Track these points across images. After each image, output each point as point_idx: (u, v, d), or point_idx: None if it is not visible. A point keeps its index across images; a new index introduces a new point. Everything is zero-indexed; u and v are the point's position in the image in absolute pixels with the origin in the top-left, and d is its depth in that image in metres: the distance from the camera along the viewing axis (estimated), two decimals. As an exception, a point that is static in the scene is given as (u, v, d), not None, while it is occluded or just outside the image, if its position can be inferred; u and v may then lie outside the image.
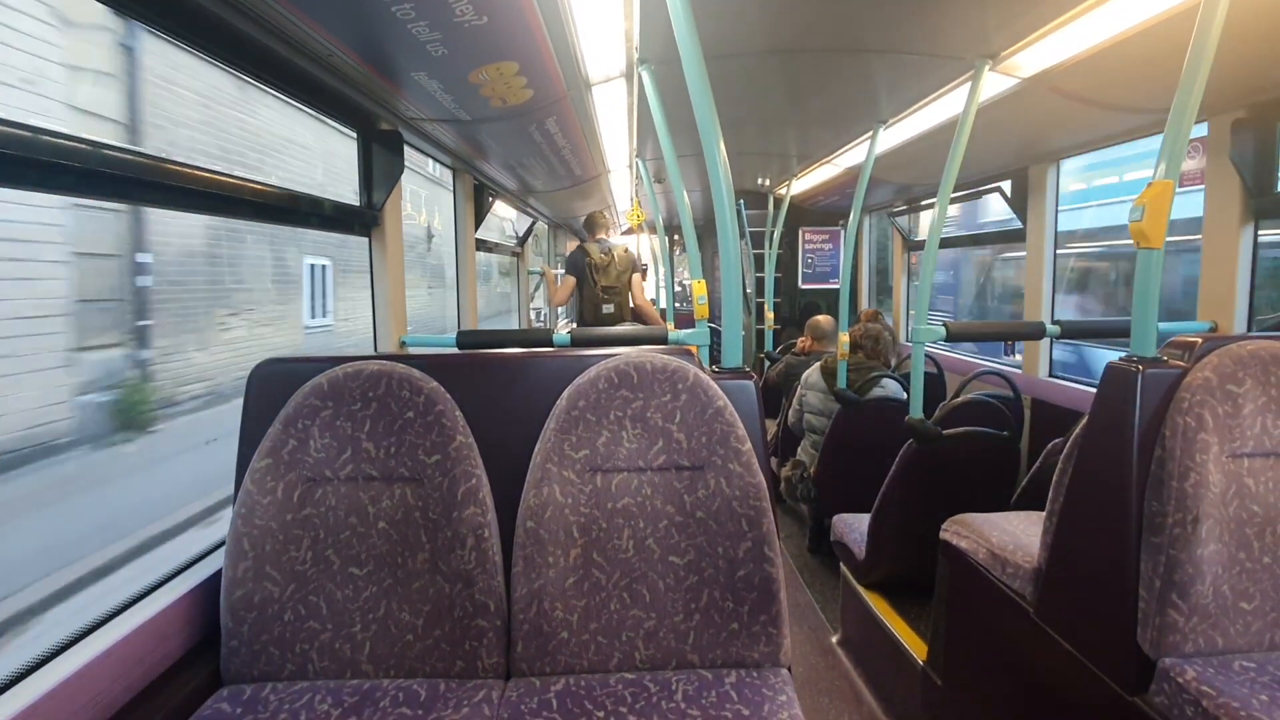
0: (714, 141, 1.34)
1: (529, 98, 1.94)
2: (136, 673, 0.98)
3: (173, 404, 6.01)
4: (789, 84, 2.24)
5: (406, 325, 2.15)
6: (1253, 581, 1.12)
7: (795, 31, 1.76)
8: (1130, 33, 1.52)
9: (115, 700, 0.94)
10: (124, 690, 0.96)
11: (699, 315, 2.03)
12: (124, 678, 0.96)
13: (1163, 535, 1.09)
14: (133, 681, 0.98)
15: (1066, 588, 1.29)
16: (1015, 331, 2.66)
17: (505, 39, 1.50)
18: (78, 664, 0.89)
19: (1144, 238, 1.19)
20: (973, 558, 1.58)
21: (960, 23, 1.62)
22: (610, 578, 1.15)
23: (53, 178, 0.95)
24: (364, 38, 1.41)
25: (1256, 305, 1.98)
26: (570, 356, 1.26)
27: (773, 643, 1.14)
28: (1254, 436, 1.13)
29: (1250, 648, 1.11)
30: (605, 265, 3.96)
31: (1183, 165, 1.22)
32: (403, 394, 1.17)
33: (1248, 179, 1.90)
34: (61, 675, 0.87)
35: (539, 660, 1.12)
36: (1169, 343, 1.24)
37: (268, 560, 1.11)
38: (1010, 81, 1.94)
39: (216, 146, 6.55)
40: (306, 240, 8.36)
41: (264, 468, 1.13)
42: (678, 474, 1.17)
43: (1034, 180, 2.84)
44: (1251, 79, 1.74)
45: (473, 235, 3.11)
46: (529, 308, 5.45)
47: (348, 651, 1.11)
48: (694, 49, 1.33)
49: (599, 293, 3.98)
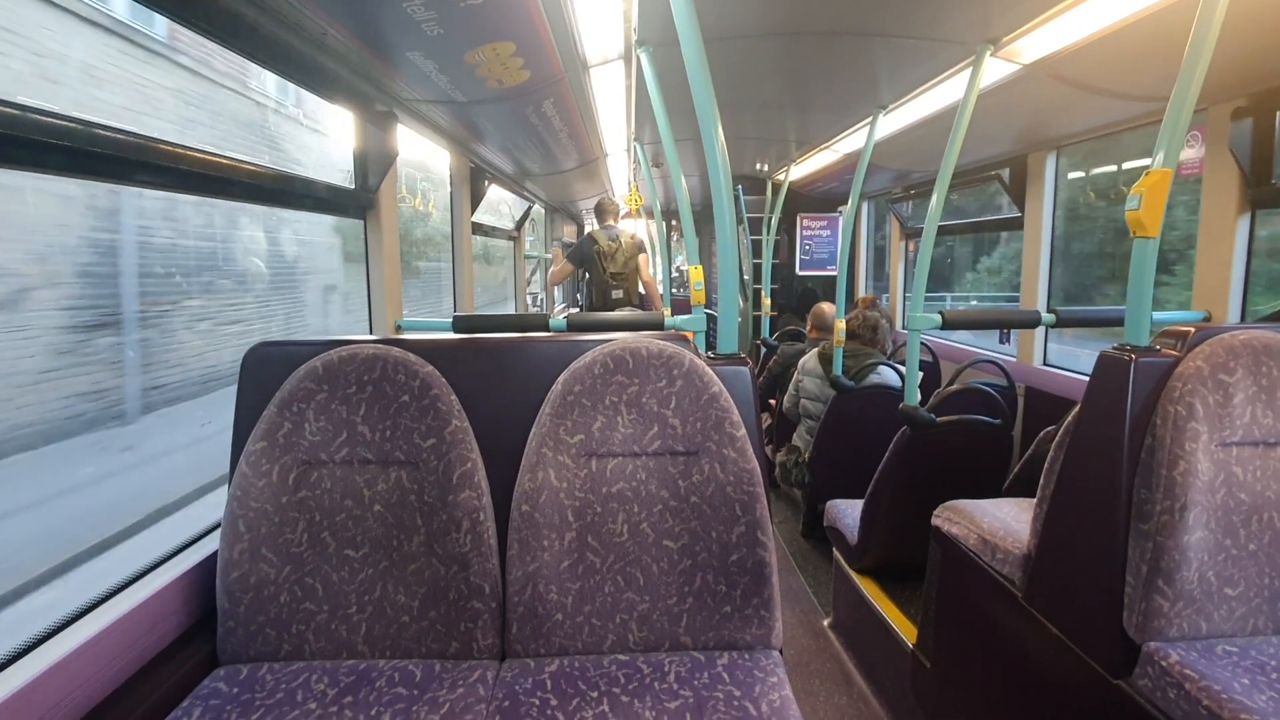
0: (712, 126, 1.33)
1: (526, 79, 1.92)
2: (133, 652, 0.99)
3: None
4: (789, 68, 2.23)
5: (402, 308, 2.14)
6: (1237, 568, 1.13)
7: (796, 14, 1.74)
8: (1132, 19, 1.51)
9: (112, 679, 0.95)
10: (121, 670, 0.97)
11: (696, 301, 2.03)
12: (121, 657, 0.97)
13: (1151, 522, 1.11)
14: (129, 661, 0.98)
15: (1055, 573, 1.31)
16: (1011, 320, 2.67)
17: (502, 19, 1.48)
18: (75, 643, 0.90)
19: (1140, 227, 1.19)
20: (963, 543, 1.60)
21: (963, 7, 1.61)
22: (605, 561, 1.16)
23: (44, 156, 0.94)
24: (358, 17, 1.39)
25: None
26: (566, 341, 1.26)
27: (765, 625, 1.15)
28: (1243, 425, 1.15)
29: (1234, 632, 1.13)
30: (613, 252, 4.05)
31: (1182, 154, 1.22)
32: (398, 378, 1.17)
33: (1246, 169, 1.90)
34: (59, 655, 0.88)
35: (533, 642, 1.13)
36: (1162, 332, 1.25)
37: (263, 542, 1.11)
38: (1011, 68, 1.93)
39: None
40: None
41: (259, 450, 1.13)
42: (672, 459, 1.18)
43: (1032, 168, 2.83)
44: (1252, 68, 1.73)
45: (469, 219, 3.09)
46: (526, 292, 5.43)
47: (343, 632, 1.12)
48: (693, 31, 1.31)
49: (608, 279, 4.06)
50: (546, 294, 6.49)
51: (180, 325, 3.64)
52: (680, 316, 1.84)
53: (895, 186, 4.23)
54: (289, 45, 1.44)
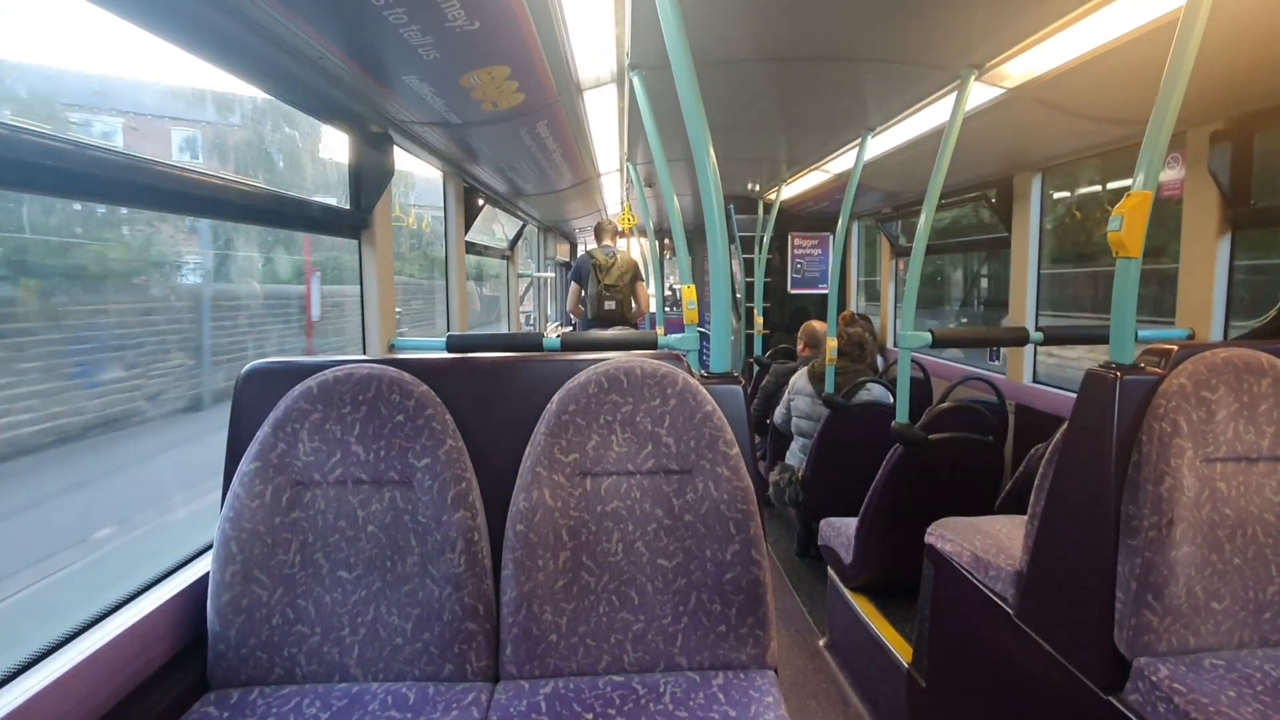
0: (704, 147, 1.35)
1: (520, 101, 1.94)
2: (122, 677, 0.98)
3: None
4: (779, 91, 2.27)
5: (396, 328, 2.14)
6: (1223, 582, 1.14)
7: (785, 39, 1.78)
8: (1111, 45, 1.55)
9: (100, 706, 0.93)
10: (109, 696, 0.95)
11: (688, 320, 2.04)
12: (109, 683, 0.95)
13: (1139, 538, 1.12)
14: (117, 687, 0.97)
15: (1046, 590, 1.32)
16: (1000, 338, 2.70)
17: (497, 43, 1.50)
18: (62, 669, 0.89)
19: (1122, 247, 1.21)
20: (956, 561, 1.60)
21: (947, 33, 1.65)
22: (599, 581, 1.16)
23: (37, 178, 0.94)
24: (356, 41, 1.41)
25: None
26: (560, 361, 1.27)
27: (759, 645, 1.15)
28: (1226, 441, 1.16)
29: (1220, 646, 1.14)
30: (609, 266, 4.42)
31: (1162, 175, 1.25)
32: (393, 397, 1.17)
33: (1226, 190, 1.94)
34: (45, 680, 0.86)
35: (528, 663, 1.13)
36: (1146, 350, 1.27)
37: (256, 564, 1.10)
38: (996, 91, 1.98)
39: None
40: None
41: (252, 471, 1.12)
42: (666, 478, 1.18)
43: (1018, 189, 2.88)
44: (1229, 92, 1.78)
45: (463, 238, 3.10)
46: (519, 311, 5.44)
47: (336, 655, 1.11)
48: (684, 55, 1.34)
49: (602, 290, 4.39)
50: (540, 312, 6.52)
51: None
52: (673, 335, 1.85)
53: (885, 206, 4.29)
54: (287, 68, 1.46)
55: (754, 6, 1.57)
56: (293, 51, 1.41)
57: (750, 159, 3.61)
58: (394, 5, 1.24)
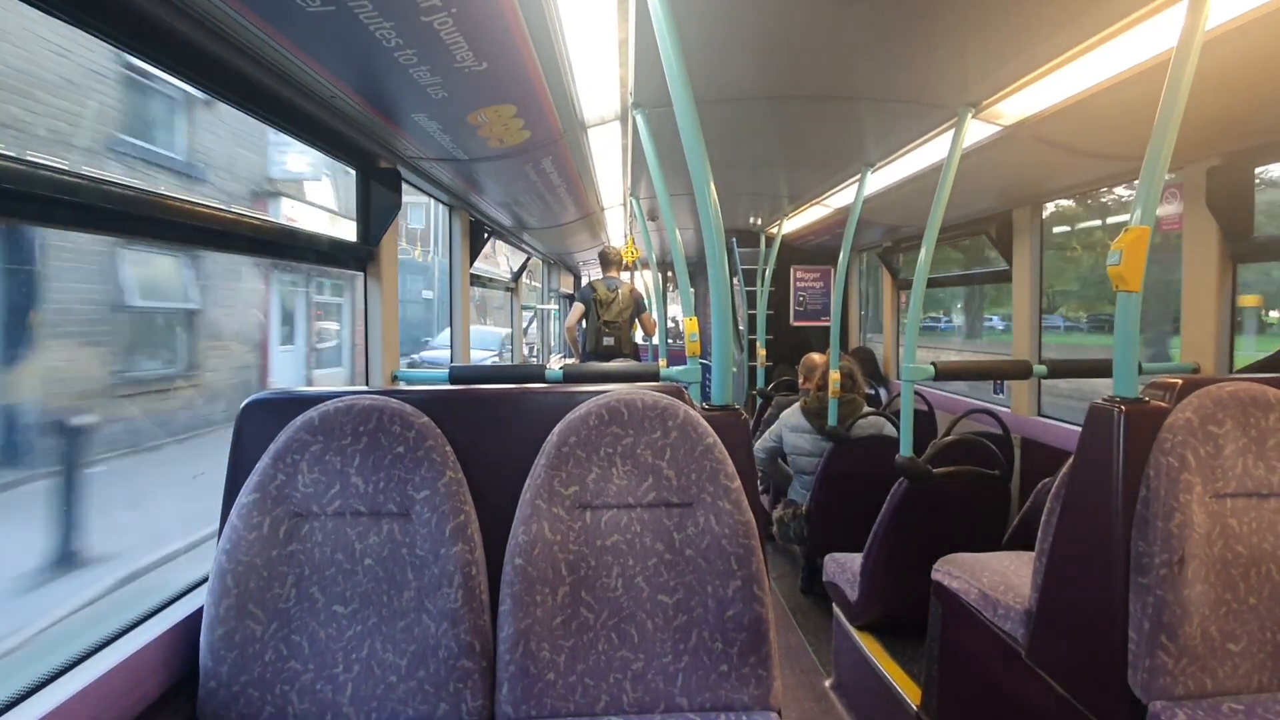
0: (705, 184, 1.37)
1: (526, 138, 1.98)
2: (110, 715, 0.96)
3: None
4: (779, 128, 2.31)
5: (399, 360, 2.15)
6: (1239, 623, 1.11)
7: (785, 79, 1.82)
8: (1106, 84, 1.58)
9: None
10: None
11: (690, 352, 2.04)
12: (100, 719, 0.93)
13: (1150, 576, 1.09)
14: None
15: (1057, 629, 1.29)
16: (1003, 370, 2.69)
17: (504, 83, 1.54)
18: (49, 707, 0.87)
19: (1122, 281, 1.22)
20: (964, 598, 1.57)
21: (944, 72, 1.69)
22: (599, 617, 1.13)
23: (51, 212, 0.96)
24: (367, 81, 1.45)
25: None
26: (562, 393, 1.27)
27: (763, 685, 1.12)
28: (1236, 477, 1.15)
29: (1238, 690, 1.10)
30: (609, 301, 4.35)
31: (1162, 210, 1.26)
32: (394, 429, 1.16)
33: (1224, 225, 1.95)
34: (34, 718, 0.84)
35: (524, 703, 1.10)
36: (1150, 384, 1.26)
37: (251, 597, 1.08)
38: (993, 128, 2.01)
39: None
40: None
41: (250, 502, 1.12)
42: (667, 511, 1.17)
43: (1018, 223, 2.91)
44: (1224, 129, 1.81)
45: (468, 270, 3.14)
46: (522, 343, 5.46)
47: (329, 694, 1.08)
48: (686, 94, 1.37)
49: (601, 326, 4.33)
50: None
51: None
52: (675, 367, 1.85)
53: (886, 240, 4.33)
54: (300, 106, 1.50)
55: (753, 47, 1.61)
56: (306, 91, 1.45)
57: (751, 194, 3.66)
58: (405, 46, 1.28)
